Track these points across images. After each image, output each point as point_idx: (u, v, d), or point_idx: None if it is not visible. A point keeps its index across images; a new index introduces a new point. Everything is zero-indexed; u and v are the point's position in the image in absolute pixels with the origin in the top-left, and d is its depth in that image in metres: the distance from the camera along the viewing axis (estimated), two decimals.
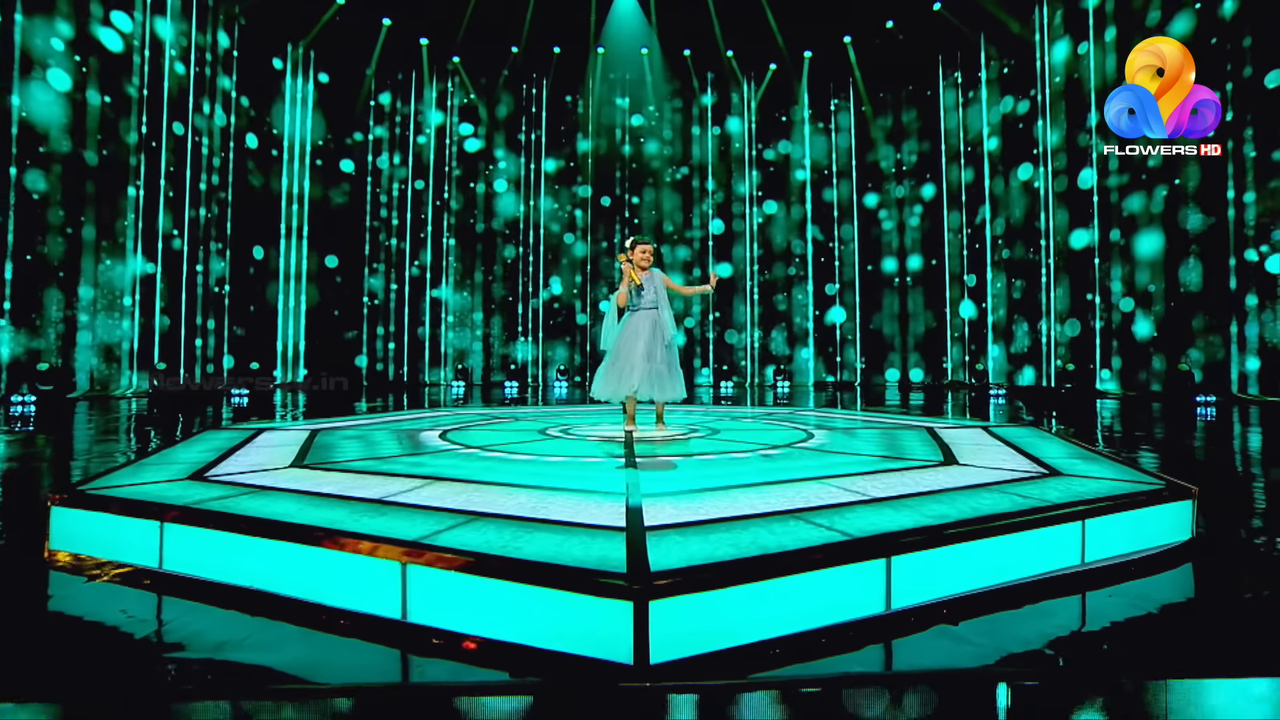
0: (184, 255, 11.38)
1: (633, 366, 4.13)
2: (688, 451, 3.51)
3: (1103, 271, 10.47)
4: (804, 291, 15.96)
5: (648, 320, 4.25)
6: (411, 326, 15.50)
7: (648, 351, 4.16)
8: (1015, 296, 12.48)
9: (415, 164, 15.53)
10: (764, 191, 16.14)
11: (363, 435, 4.20)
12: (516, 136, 15.93)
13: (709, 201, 16.18)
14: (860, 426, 4.76)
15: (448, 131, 15.68)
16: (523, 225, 15.95)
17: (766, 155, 16.17)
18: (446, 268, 15.71)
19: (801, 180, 16.08)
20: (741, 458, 3.28)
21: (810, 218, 15.99)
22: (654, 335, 4.23)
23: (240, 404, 8.90)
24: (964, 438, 3.92)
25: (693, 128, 16.27)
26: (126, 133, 10.43)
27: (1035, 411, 7.32)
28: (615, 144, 16.14)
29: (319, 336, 14.25)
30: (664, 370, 4.17)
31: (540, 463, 3.11)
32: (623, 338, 4.28)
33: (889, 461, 3.10)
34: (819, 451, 3.47)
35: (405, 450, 3.54)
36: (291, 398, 10.42)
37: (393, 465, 3.01)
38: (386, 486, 2.51)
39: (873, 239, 15.75)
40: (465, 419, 5.56)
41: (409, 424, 5.08)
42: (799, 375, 15.86)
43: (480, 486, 2.52)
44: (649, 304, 4.30)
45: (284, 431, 4.35)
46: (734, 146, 16.21)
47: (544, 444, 3.83)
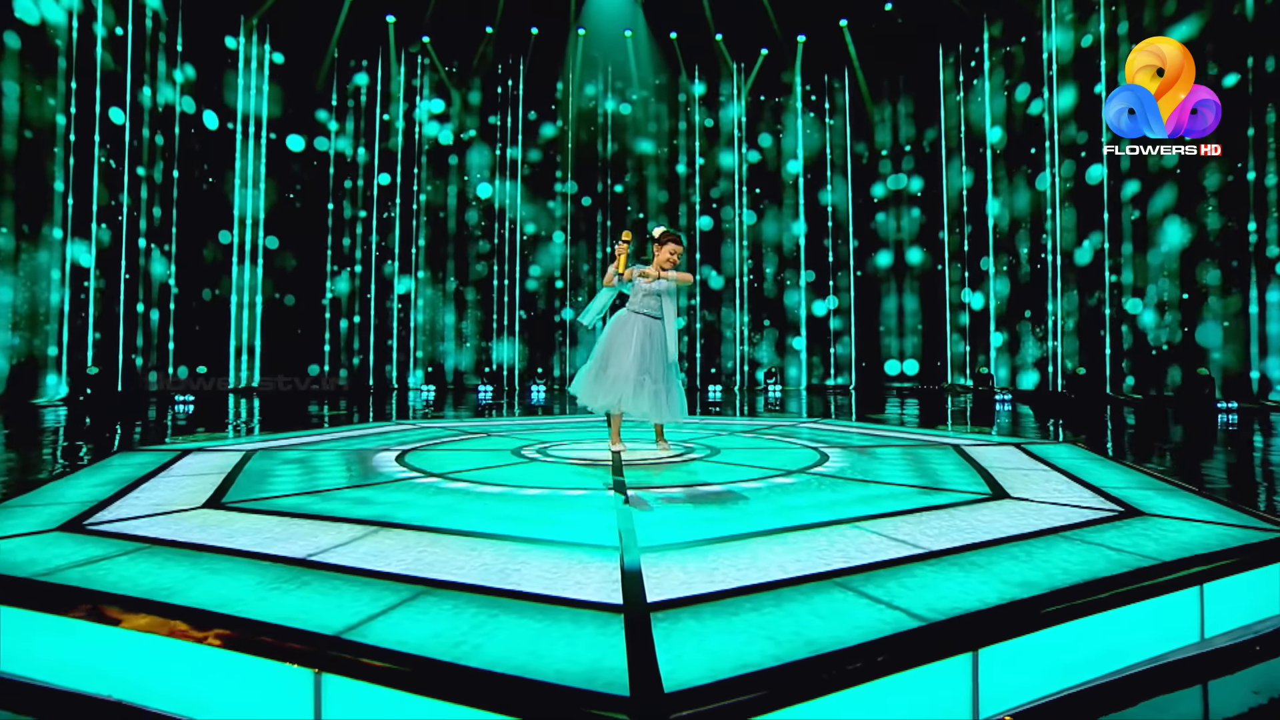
0: (123, 247, 10.72)
1: (623, 377, 3.65)
2: (688, 481, 3.10)
3: (1113, 269, 10.29)
4: (796, 290, 15.67)
5: (645, 327, 3.74)
6: (379, 326, 14.93)
7: (641, 363, 3.68)
8: (1019, 295, 12.29)
9: (382, 152, 14.96)
10: (755, 184, 15.81)
11: (306, 458, 3.74)
12: (489, 122, 15.43)
13: (696, 194, 15.82)
14: (877, 444, 4.40)
15: (417, 117, 15.13)
16: (498, 219, 15.45)
17: (760, 144, 15.85)
18: (417, 263, 15.16)
19: (795, 173, 15.78)
20: (752, 488, 2.89)
21: (803, 212, 15.71)
22: (651, 345, 3.74)
23: (185, 411, 8.32)
24: (1000, 459, 3.57)
25: (679, 118, 15.89)
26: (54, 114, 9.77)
27: (1045, 418, 7.04)
28: (596, 132, 15.70)
29: (276, 336, 13.63)
30: (661, 390, 3.69)
31: (513, 497, 2.69)
32: (612, 337, 3.75)
33: (927, 494, 2.72)
34: (840, 479, 3.09)
35: (353, 480, 3.09)
36: (246, 404, 9.83)
37: (332, 504, 2.56)
38: (318, 538, 2.07)
39: (869, 234, 15.50)
40: (430, 435, 5.10)
41: (366, 440, 4.62)
42: (790, 379, 15.57)
43: (437, 536, 2.09)
44: (651, 309, 3.78)
45: (213, 454, 3.86)
46: (723, 136, 15.86)
47: (518, 470, 3.41)
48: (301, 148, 14.09)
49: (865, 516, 2.33)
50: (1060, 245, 11.36)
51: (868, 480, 3.06)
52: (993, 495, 2.66)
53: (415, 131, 15.20)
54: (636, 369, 3.62)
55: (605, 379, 3.65)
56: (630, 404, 3.61)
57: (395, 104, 15.04)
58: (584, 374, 3.78)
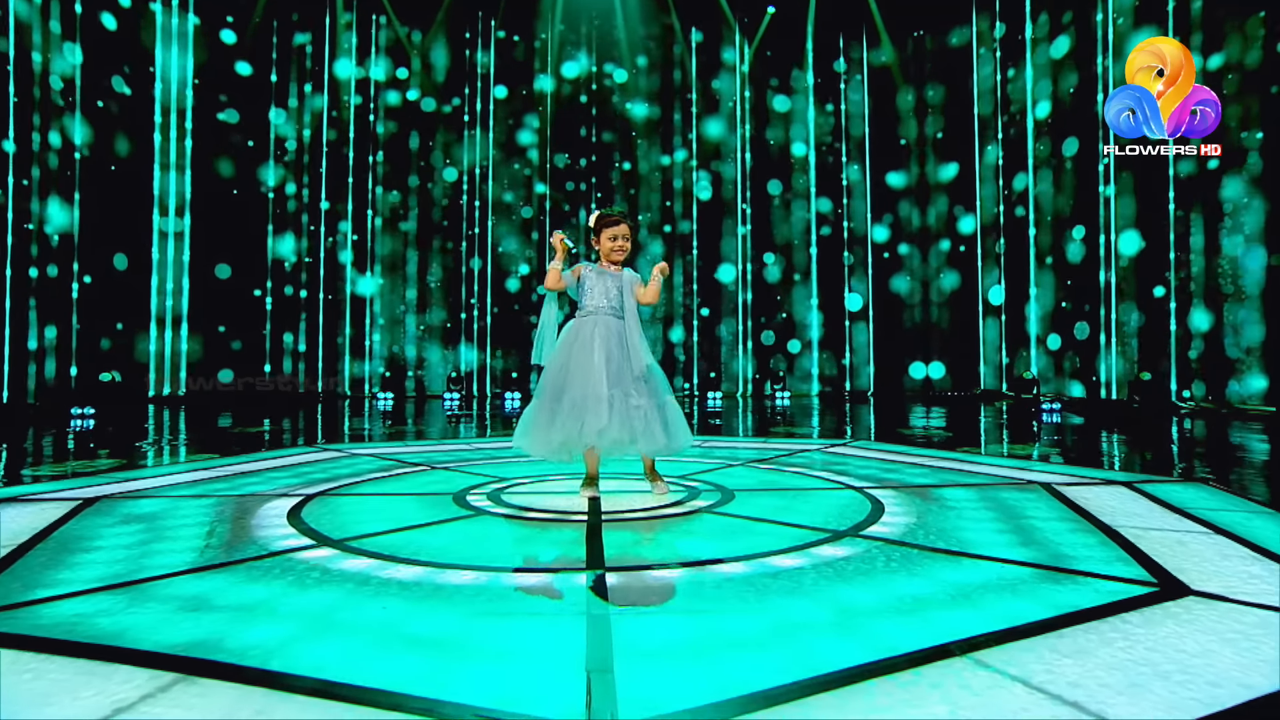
0: (8, 222, 9.82)
1: (589, 398, 2.93)
2: (694, 555, 2.34)
3: (1179, 261, 9.63)
4: (806, 283, 14.95)
5: (608, 328, 3.06)
6: (328, 324, 14.08)
7: (610, 374, 2.96)
8: (1066, 288, 11.63)
9: (331, 122, 14.11)
10: (759, 162, 15.07)
11: (159, 513, 2.94)
12: (458, 89, 14.60)
13: (693, 174, 15.06)
14: (939, 482, 3.65)
15: (371, 83, 14.29)
16: (465, 202, 14.63)
17: (765, 116, 15.11)
18: (372, 253, 14.32)
19: (805, 150, 15.06)
20: (790, 567, 2.14)
21: (814, 193, 15.00)
22: (621, 350, 3.06)
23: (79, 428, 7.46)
24: (1124, 511, 2.83)
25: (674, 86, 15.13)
26: None
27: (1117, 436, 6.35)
28: (578, 101, 14.91)
29: (206, 335, 12.76)
30: (646, 407, 2.98)
31: (431, 592, 1.92)
32: (562, 351, 3.09)
33: (1055, 582, 1.98)
34: (913, 548, 2.34)
35: (206, 555, 2.30)
36: (156, 418, 8.98)
37: (147, 608, 1.79)
38: (62, 703, 1.29)
39: (890, 220, 14.81)
40: (357, 467, 4.32)
41: (269, 479, 3.83)
42: (799, 382, 14.84)
43: (271, 699, 1.32)
44: (609, 307, 3.12)
45: (31, 505, 3.06)
46: (724, 108, 15.11)
47: (455, 531, 2.63)
48: (236, 120, 13.22)
49: (986, 638, 1.57)
50: (1115, 235, 10.70)
51: (954, 551, 2.31)
52: (1160, 587, 1.91)
53: (370, 98, 14.35)
54: (605, 383, 2.90)
55: (560, 410, 2.92)
56: (605, 435, 2.88)
57: (346, 68, 14.20)
58: (528, 415, 3.06)
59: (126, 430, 7.05)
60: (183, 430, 7.15)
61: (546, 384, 3.09)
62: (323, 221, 14.07)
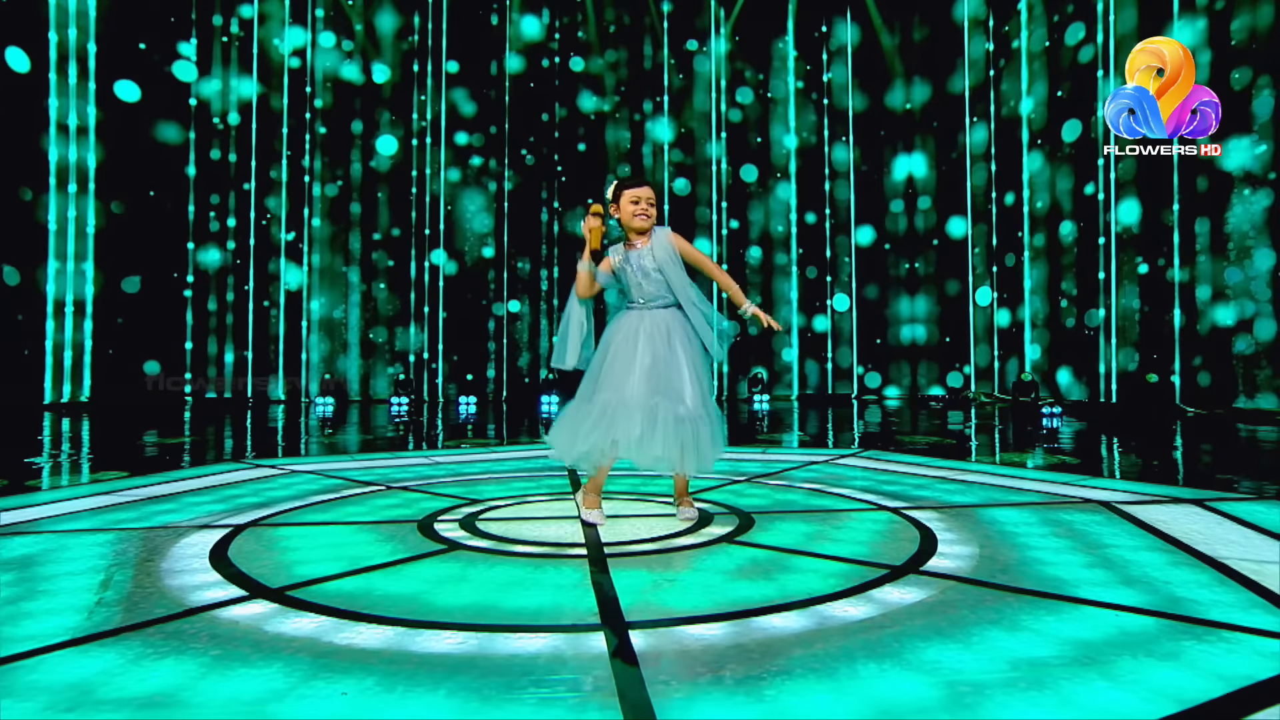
0: None
1: (623, 403, 2.67)
2: (734, 605, 1.99)
3: (1184, 254, 9.68)
4: (788, 279, 14.78)
5: (653, 323, 2.81)
6: (257, 319, 13.37)
7: (652, 379, 2.71)
8: (1062, 286, 11.66)
9: (264, 98, 13.40)
10: (735, 149, 14.85)
11: (34, 558, 2.47)
12: (409, 65, 14.04)
13: (665, 158, 14.76)
14: (983, 501, 3.39)
15: (309, 53, 13.62)
16: (416, 185, 14.07)
17: (741, 100, 14.90)
18: (310, 241, 13.66)
19: (786, 136, 14.89)
20: (858, 618, 1.82)
21: (795, 184, 14.84)
22: (669, 351, 2.78)
23: None
24: (1214, 537, 2.59)
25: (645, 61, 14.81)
26: None
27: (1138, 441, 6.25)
28: (540, 76, 14.47)
29: (117, 334, 11.97)
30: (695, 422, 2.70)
31: (402, 662, 1.54)
32: (606, 346, 2.87)
33: (1189, 636, 1.69)
34: (993, 588, 2.04)
35: (82, 623, 1.88)
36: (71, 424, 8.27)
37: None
38: None
39: (876, 213, 14.73)
40: (296, 488, 3.87)
41: (190, 504, 3.38)
42: (781, 385, 14.66)
43: None
44: (653, 296, 2.85)
45: None
46: (699, 88, 14.85)
47: (427, 571, 2.24)
48: (124, 92, 12.45)
49: None
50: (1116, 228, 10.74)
51: (1046, 594, 2.01)
52: None
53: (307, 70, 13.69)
54: (645, 389, 2.67)
55: (592, 409, 2.69)
56: (636, 446, 2.64)
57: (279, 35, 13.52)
58: (564, 415, 2.85)
59: (7, 444, 6.40)
60: (85, 442, 6.53)
61: (585, 384, 2.87)
62: (252, 201, 13.37)
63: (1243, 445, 6.00)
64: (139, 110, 12.23)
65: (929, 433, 7.38)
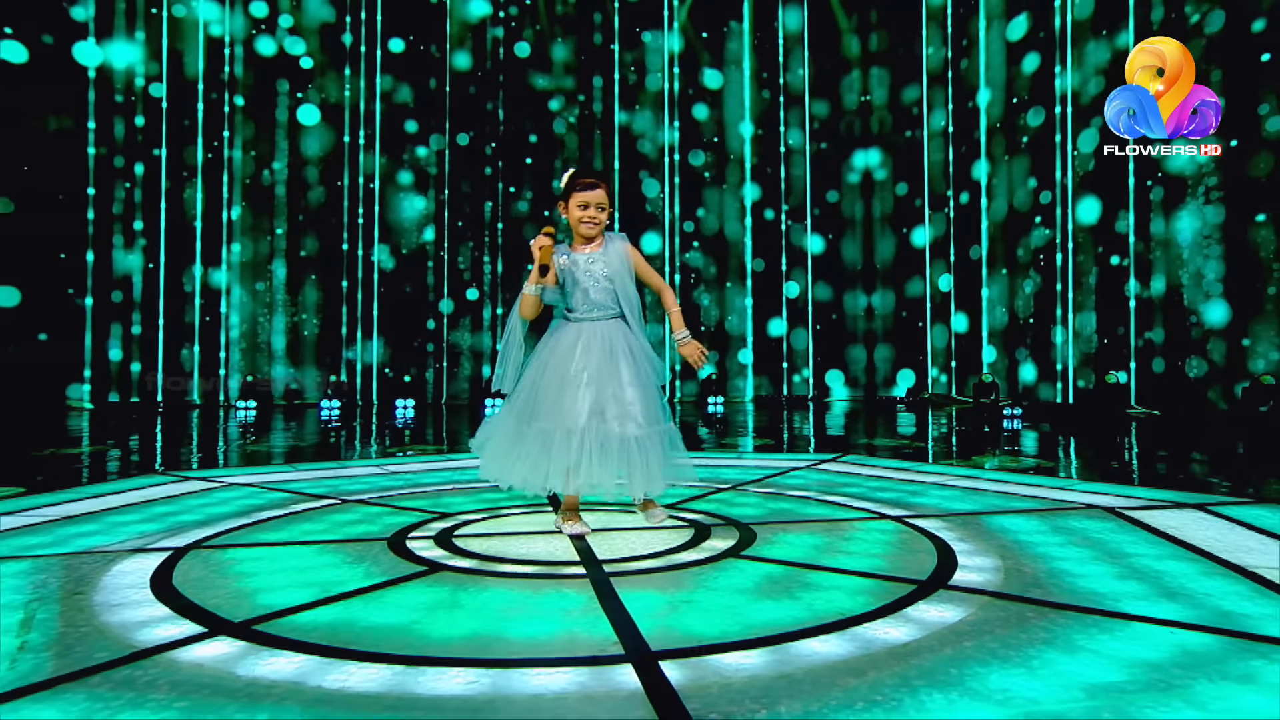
0: None
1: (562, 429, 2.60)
2: (765, 629, 1.89)
3: (1139, 257, 10.09)
4: (740, 280, 14.85)
5: (596, 335, 2.72)
6: (170, 313, 12.68)
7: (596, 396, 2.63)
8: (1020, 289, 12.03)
9: (176, 69, 12.72)
10: (689, 147, 14.84)
11: None
12: (339, 39, 13.54)
13: (616, 154, 14.64)
14: (986, 509, 3.38)
15: (228, 23, 13.00)
16: (348, 170, 13.58)
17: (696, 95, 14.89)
18: (229, 232, 13.03)
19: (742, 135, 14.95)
20: (902, 641, 1.74)
21: (749, 176, 14.92)
22: (610, 364, 2.69)
23: None
24: (1233, 544, 2.63)
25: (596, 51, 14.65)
26: None
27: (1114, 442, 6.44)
28: (483, 59, 14.17)
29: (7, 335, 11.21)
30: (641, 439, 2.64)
31: (407, 708, 1.37)
32: (540, 358, 2.77)
33: (1254, 654, 1.67)
34: (1035, 604, 1.99)
35: (3, 675, 1.64)
36: None
37: None
38: None
39: (832, 206, 14.93)
40: (239, 505, 3.61)
41: (112, 521, 3.10)
42: (734, 389, 14.72)
43: None
44: (597, 304, 2.76)
45: None
46: (650, 75, 14.78)
47: (411, 598, 2.06)
48: (25, 58, 11.70)
49: None
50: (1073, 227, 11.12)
51: (1092, 609, 1.97)
52: None
53: (226, 44, 13.08)
54: (584, 409, 2.61)
55: (526, 438, 2.63)
56: (575, 475, 2.60)
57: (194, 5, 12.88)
58: (492, 429, 2.80)
59: None
60: None
61: (516, 399, 2.75)
62: (163, 178, 12.69)
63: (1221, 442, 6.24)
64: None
65: (901, 436, 7.46)
